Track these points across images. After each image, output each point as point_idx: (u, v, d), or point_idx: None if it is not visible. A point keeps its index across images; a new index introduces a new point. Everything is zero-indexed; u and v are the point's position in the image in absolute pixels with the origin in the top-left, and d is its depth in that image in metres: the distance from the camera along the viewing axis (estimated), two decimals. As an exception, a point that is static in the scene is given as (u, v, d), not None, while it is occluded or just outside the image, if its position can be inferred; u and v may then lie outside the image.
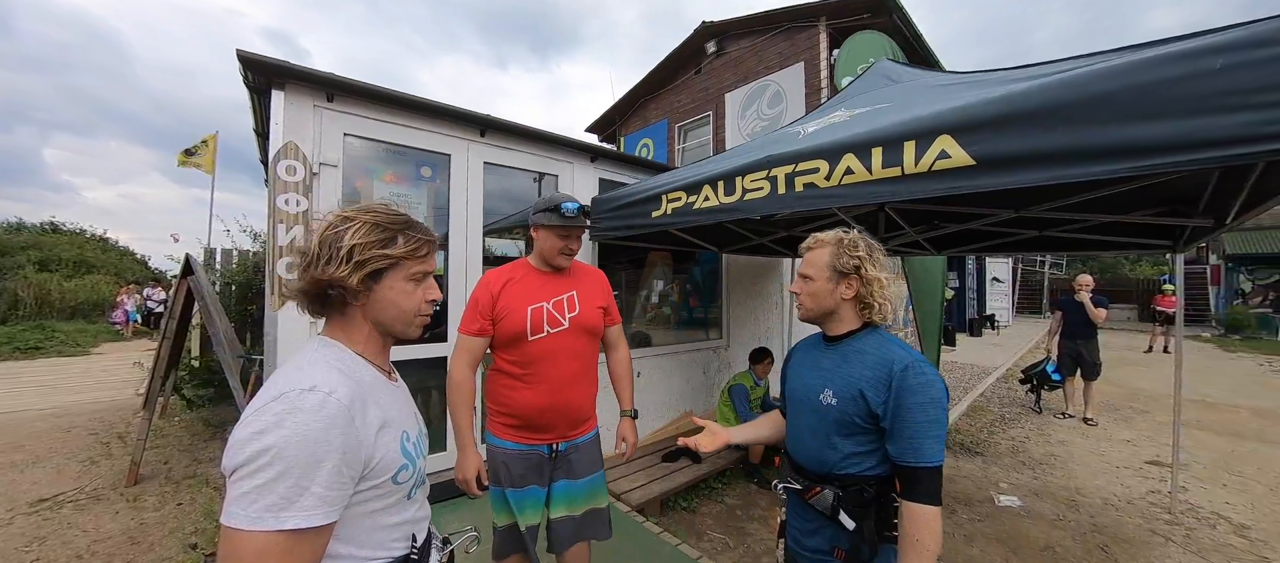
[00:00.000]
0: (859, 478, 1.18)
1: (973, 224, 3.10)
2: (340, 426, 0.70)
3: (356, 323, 0.84)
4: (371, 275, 0.81)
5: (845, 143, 1.83)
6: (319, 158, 2.46)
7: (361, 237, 0.80)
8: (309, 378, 0.72)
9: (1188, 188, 2.34)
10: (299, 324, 2.41)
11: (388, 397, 0.84)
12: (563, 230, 1.59)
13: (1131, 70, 1.21)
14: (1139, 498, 3.38)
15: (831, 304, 1.26)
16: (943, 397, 1.12)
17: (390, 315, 0.85)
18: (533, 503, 1.59)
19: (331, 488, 0.68)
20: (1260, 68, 1.07)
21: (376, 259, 0.81)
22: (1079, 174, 1.30)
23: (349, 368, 0.79)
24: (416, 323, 0.89)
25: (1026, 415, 5.49)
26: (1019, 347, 10.96)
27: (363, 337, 0.85)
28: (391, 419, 0.81)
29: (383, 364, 0.89)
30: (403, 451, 0.82)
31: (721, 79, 7.69)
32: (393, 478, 0.79)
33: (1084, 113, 1.28)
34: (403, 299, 0.85)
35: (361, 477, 0.74)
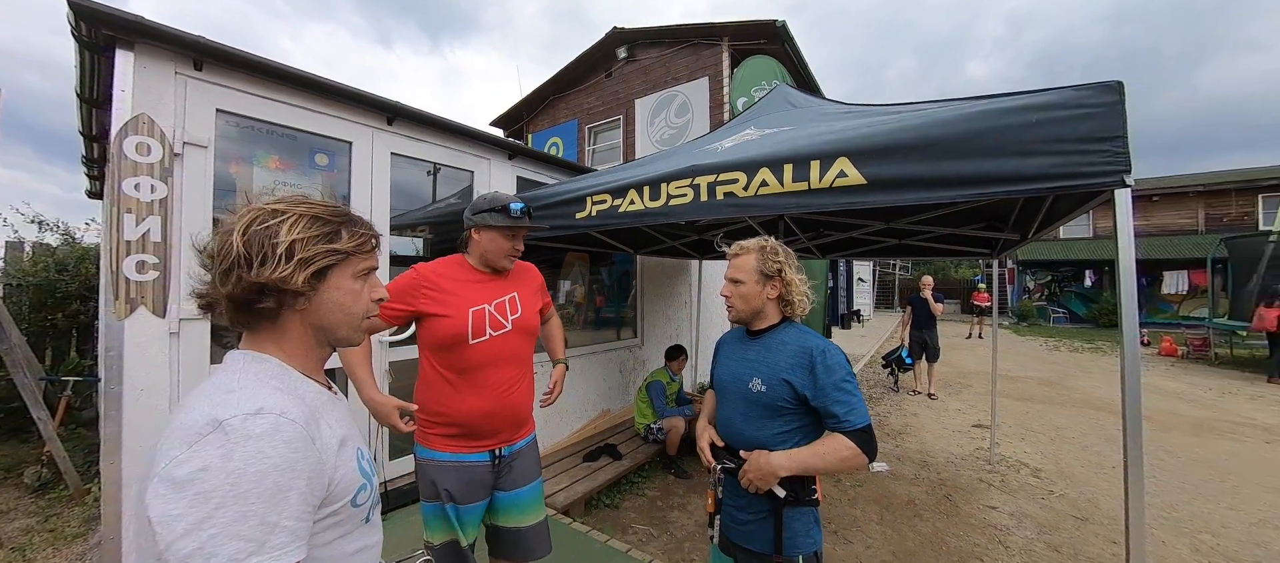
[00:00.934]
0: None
1: (853, 233, 3.60)
2: (301, 449, 0.63)
3: (292, 332, 0.74)
4: (319, 273, 0.73)
5: (761, 158, 2.03)
6: (182, 136, 2.08)
7: (301, 231, 0.71)
8: (250, 400, 0.62)
9: (1002, 209, 2.99)
10: (153, 335, 2.01)
11: (336, 412, 0.77)
12: (510, 231, 1.54)
13: (983, 117, 1.54)
14: (969, 455, 4.20)
15: (760, 304, 1.44)
16: (852, 371, 1.37)
17: (335, 320, 0.76)
18: (473, 518, 1.53)
19: (301, 519, 0.62)
20: (1057, 125, 1.43)
21: (322, 256, 0.72)
22: (945, 197, 1.62)
23: (290, 384, 0.70)
24: (364, 326, 0.81)
25: (887, 394, 6.48)
26: (879, 337, 12.84)
27: (301, 348, 0.75)
28: (346, 434, 0.75)
29: (322, 378, 0.80)
30: (360, 469, 0.75)
31: (632, 85, 7.89)
32: (352, 501, 0.73)
33: (949, 147, 1.59)
34: (350, 301, 0.77)
35: (321, 503, 0.67)
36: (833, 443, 1.29)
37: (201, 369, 2.13)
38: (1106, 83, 1.41)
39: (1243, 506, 3.26)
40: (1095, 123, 1.40)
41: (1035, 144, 1.46)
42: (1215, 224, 15.53)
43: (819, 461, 1.29)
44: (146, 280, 1.99)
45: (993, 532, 2.90)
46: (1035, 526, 2.97)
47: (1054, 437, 4.75)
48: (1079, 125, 1.42)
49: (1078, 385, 7.12)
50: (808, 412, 1.36)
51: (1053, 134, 1.44)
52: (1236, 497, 3.39)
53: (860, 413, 1.29)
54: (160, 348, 2.03)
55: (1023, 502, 3.30)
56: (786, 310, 1.47)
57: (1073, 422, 5.27)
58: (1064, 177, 1.43)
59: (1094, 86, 1.42)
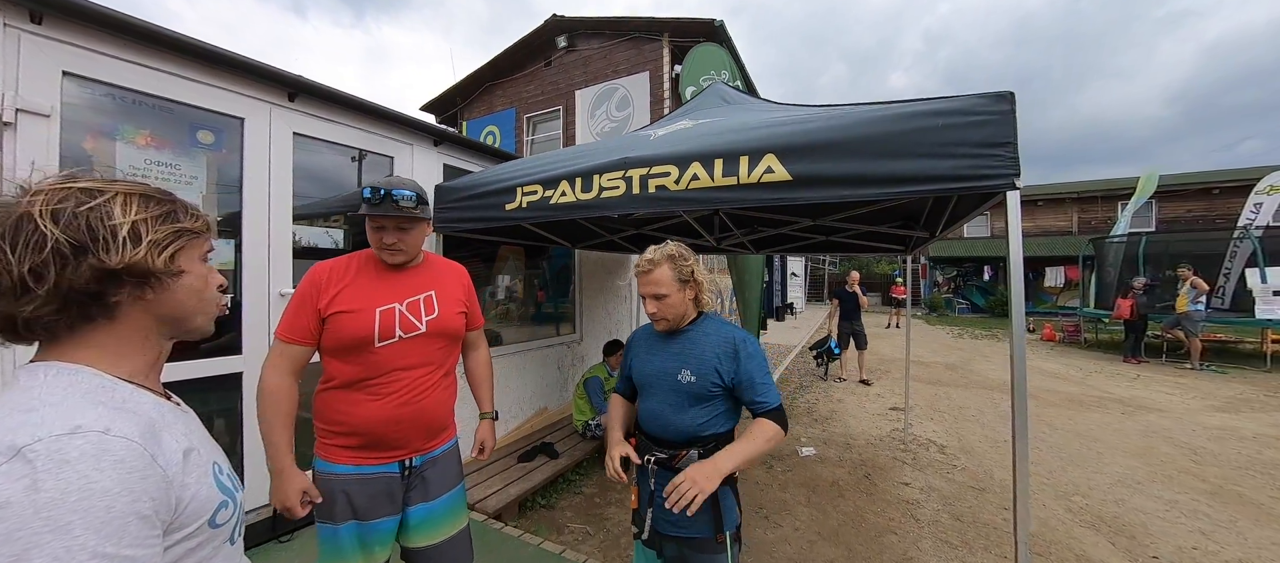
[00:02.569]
0: (713, 436, 1.44)
1: (784, 229, 3.74)
2: (138, 468, 0.53)
3: (128, 330, 0.62)
4: (171, 258, 0.63)
5: (692, 152, 2.03)
6: (14, 102, 1.72)
7: (138, 211, 0.60)
8: (59, 419, 0.51)
9: (914, 209, 3.22)
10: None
11: (180, 424, 0.65)
12: (374, 220, 1.37)
13: (897, 119, 1.62)
14: (887, 436, 4.53)
15: (684, 309, 1.51)
16: (766, 356, 1.50)
17: (192, 306, 0.67)
18: (382, 537, 1.39)
19: (146, 547, 0.52)
20: (960, 130, 1.54)
21: (171, 237, 0.62)
22: (865, 195, 1.69)
23: (116, 398, 0.58)
24: (213, 313, 0.72)
25: (816, 382, 6.86)
26: (811, 328, 13.60)
27: (130, 353, 0.63)
28: (195, 447, 0.64)
29: (158, 386, 0.69)
30: (218, 485, 0.65)
31: (572, 75, 7.72)
32: (210, 520, 0.63)
33: (868, 147, 1.66)
34: (200, 283, 0.69)
35: (171, 527, 0.57)
36: (760, 428, 1.36)
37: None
38: (1000, 92, 1.53)
39: (1105, 469, 3.77)
40: (991, 129, 1.51)
41: (942, 147, 1.55)
42: (1086, 227, 17.93)
43: (755, 448, 1.35)
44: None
45: (905, 506, 3.13)
46: (940, 498, 3.25)
47: (958, 416, 5.24)
48: (978, 131, 1.52)
49: (977, 369, 7.93)
50: (729, 396, 1.45)
51: (956, 138, 1.54)
52: (1099, 462, 3.91)
53: (774, 393, 1.41)
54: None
55: (931, 477, 3.60)
56: (700, 306, 1.55)
57: (973, 401, 5.85)
58: (965, 178, 1.54)
59: (990, 96, 1.54)
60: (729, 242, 4.09)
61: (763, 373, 1.42)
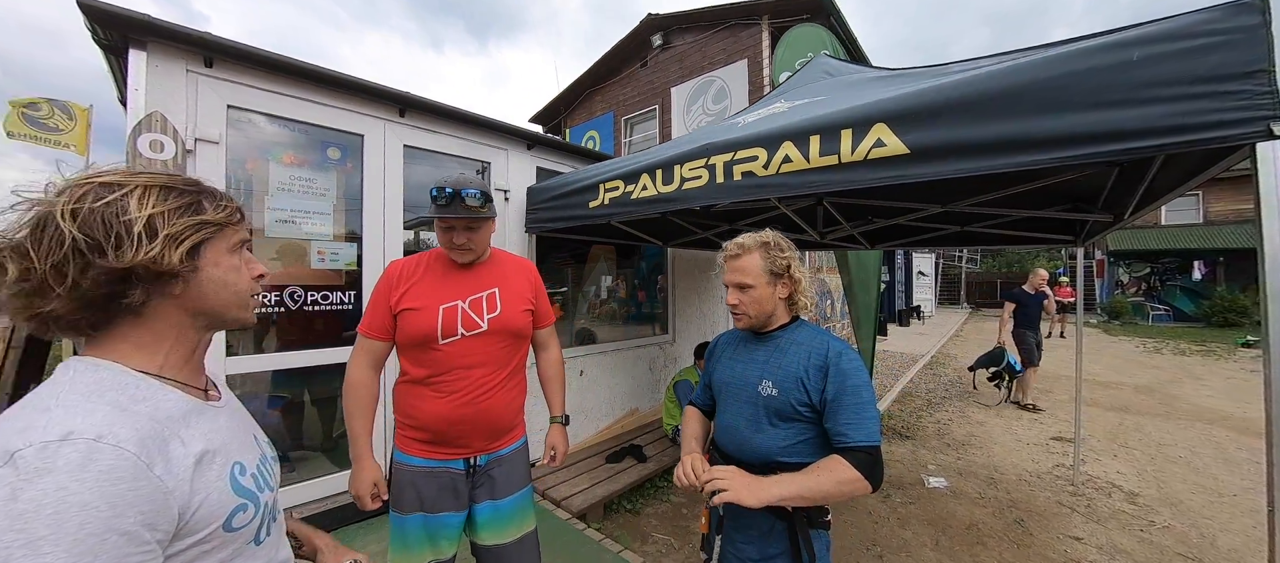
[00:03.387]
0: (801, 465, 1.18)
1: (902, 219, 3.19)
2: (128, 480, 0.50)
3: (155, 328, 0.62)
4: (191, 252, 0.62)
5: (782, 131, 1.77)
6: (194, 132, 2.10)
7: (156, 204, 0.59)
8: (59, 423, 0.50)
9: (1088, 187, 2.51)
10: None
11: (206, 423, 0.64)
12: (442, 221, 1.35)
13: (1063, 61, 1.21)
14: (1047, 472, 3.66)
15: (772, 307, 1.29)
16: (870, 382, 1.20)
17: (224, 299, 0.66)
18: (449, 532, 1.39)
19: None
20: (1170, 62, 1.09)
21: (191, 229, 0.61)
22: (1012, 164, 1.30)
23: (132, 398, 0.58)
24: (252, 306, 0.71)
25: (949, 400, 5.87)
26: (941, 335, 11.84)
27: (163, 348, 0.63)
28: (214, 450, 0.62)
29: (194, 380, 0.68)
30: (236, 488, 0.63)
31: (667, 73, 7.64)
32: (225, 525, 0.61)
33: (1015, 102, 1.27)
34: (233, 276, 0.67)
35: (177, 535, 0.56)
36: (832, 466, 1.10)
37: (219, 360, 2.17)
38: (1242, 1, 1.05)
39: None
40: (1226, 54, 1.05)
41: (1139, 89, 1.12)
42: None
43: (814, 486, 1.09)
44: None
45: (1075, 568, 2.46)
46: (1131, 563, 2.50)
47: (1154, 455, 4.07)
48: (1201, 60, 1.07)
49: (1185, 395, 6.15)
50: (820, 421, 1.19)
51: (1162, 74, 1.09)
52: None
53: (869, 430, 1.12)
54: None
55: (1115, 533, 2.80)
56: (795, 309, 1.32)
57: (1179, 437, 4.51)
58: (1179, 129, 1.09)
59: (1225, 7, 1.06)
60: (835, 235, 3.64)
61: (859, 399, 1.14)
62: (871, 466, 1.11)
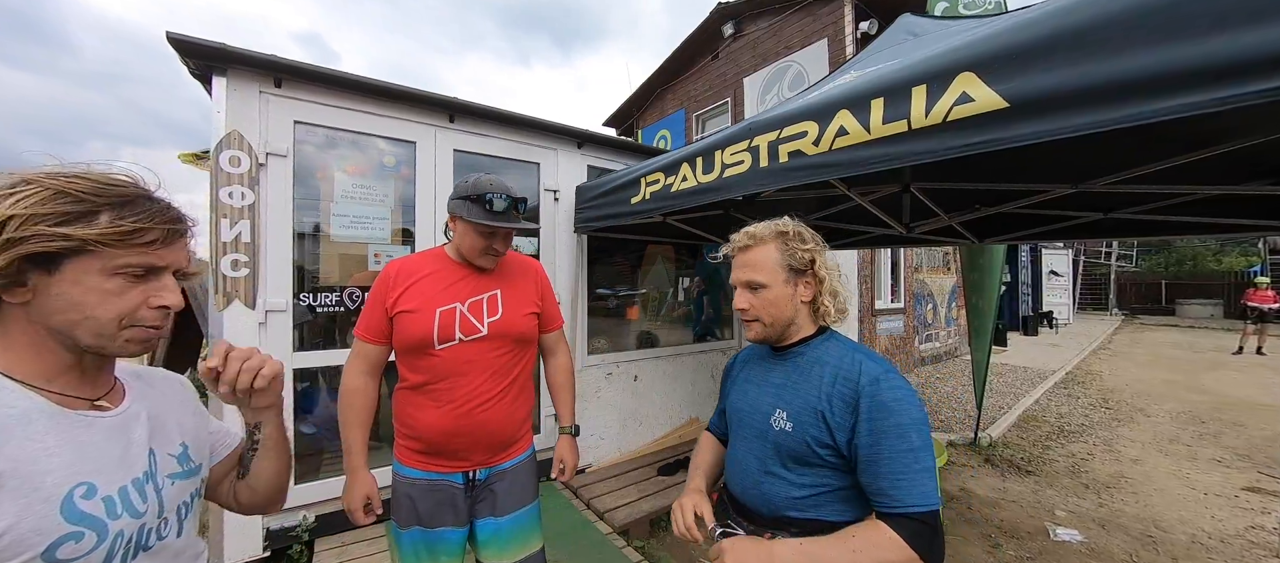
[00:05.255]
0: (821, 524, 0.92)
1: (1017, 205, 2.59)
2: None
3: (14, 331, 0.59)
4: (36, 261, 0.56)
5: (837, 98, 1.45)
6: (266, 148, 2.28)
7: (29, 206, 0.55)
8: None
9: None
10: (246, 324, 2.25)
11: (54, 439, 0.58)
12: (486, 229, 1.27)
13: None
14: (1234, 536, 2.77)
15: (790, 313, 1.03)
16: (925, 419, 0.88)
17: (71, 321, 0.59)
18: (448, 548, 1.30)
19: None
20: None
21: (42, 239, 0.55)
22: (1157, 111, 0.89)
23: None
24: (122, 337, 0.62)
25: (1088, 427, 4.80)
26: (1082, 347, 9.89)
27: (19, 350, 0.59)
28: (37, 472, 0.55)
29: (70, 388, 0.62)
30: (68, 514, 0.55)
31: (740, 63, 7.25)
32: (45, 555, 0.53)
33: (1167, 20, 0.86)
34: (95, 300, 0.59)
35: None
36: (868, 535, 0.83)
37: (286, 352, 2.34)
38: None
39: None
40: None
41: None
42: None
43: (848, 557, 0.83)
44: (239, 276, 2.23)
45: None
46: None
47: None
48: None
49: None
50: (848, 469, 0.91)
51: None
52: None
53: (923, 490, 0.82)
54: (251, 335, 2.26)
55: (1358, 635, 1.99)
56: (822, 317, 1.04)
57: None
58: None
59: None
60: (928, 228, 3.08)
61: (906, 443, 0.84)
62: (927, 539, 0.81)
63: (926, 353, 7.71)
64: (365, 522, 1.27)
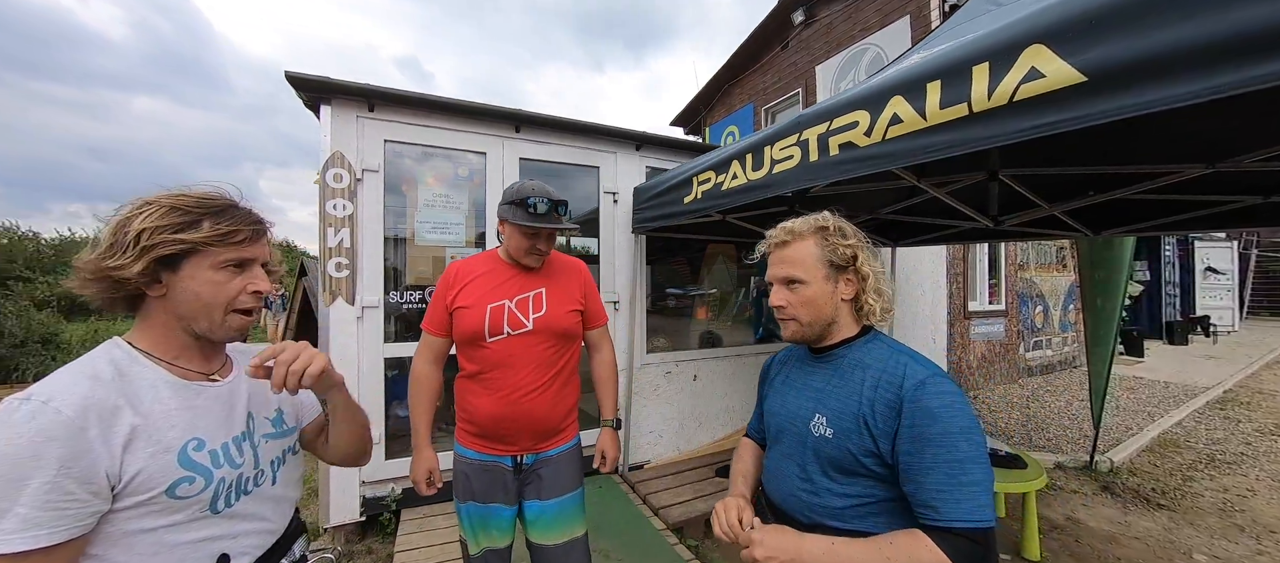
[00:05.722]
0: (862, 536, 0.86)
1: (1139, 189, 2.21)
2: (59, 438, 0.60)
3: (152, 318, 0.75)
4: (164, 263, 0.72)
5: (890, 84, 1.36)
6: (362, 165, 2.61)
7: (154, 220, 0.71)
8: (46, 385, 0.64)
9: None
10: (346, 318, 2.58)
11: (175, 402, 0.73)
12: (530, 230, 1.38)
13: None
14: None
15: (830, 312, 0.98)
16: (976, 427, 0.81)
17: (192, 308, 0.74)
18: (499, 523, 1.43)
19: (45, 509, 0.59)
20: None
21: (167, 244, 0.71)
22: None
23: (117, 370, 0.70)
24: (229, 321, 0.77)
25: (1253, 458, 3.94)
26: (1249, 360, 8.12)
27: (158, 334, 0.76)
28: (162, 431, 0.70)
29: (193, 364, 0.78)
30: (184, 461, 0.70)
31: (812, 51, 6.90)
32: (168, 493, 0.68)
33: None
34: (208, 290, 0.74)
35: (119, 492, 0.65)
36: (907, 547, 0.78)
37: (377, 343, 2.65)
38: None
39: None
40: None
41: None
42: None
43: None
44: (342, 277, 2.57)
45: None
46: None
47: None
48: None
49: None
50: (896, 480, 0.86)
51: None
52: None
53: (971, 504, 0.76)
54: (351, 328, 2.59)
55: None
56: (865, 317, 0.99)
57: None
58: None
59: None
60: (1023, 220, 2.74)
61: (953, 453, 0.78)
62: (974, 559, 0.74)
63: (1035, 362, 6.80)
64: (427, 493, 1.41)
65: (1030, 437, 4.31)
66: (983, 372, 5.93)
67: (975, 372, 5.84)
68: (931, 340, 5.23)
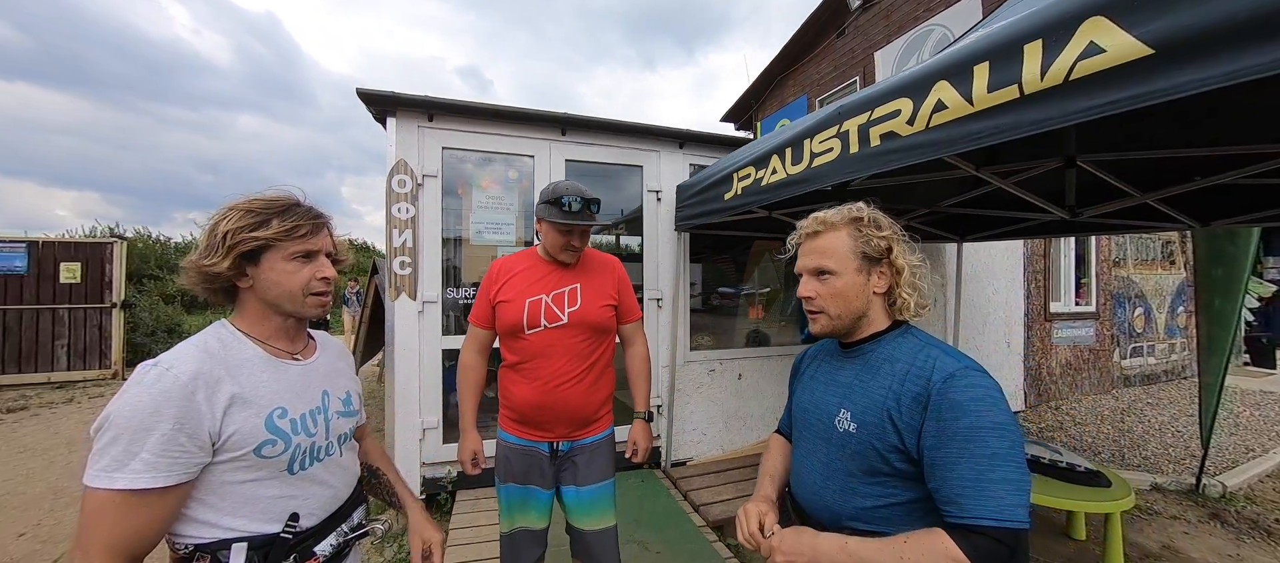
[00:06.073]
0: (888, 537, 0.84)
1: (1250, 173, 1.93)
2: (176, 398, 0.73)
3: (247, 305, 0.89)
4: (246, 258, 0.84)
5: (936, 68, 1.29)
6: (422, 171, 2.82)
7: (234, 223, 0.83)
8: (168, 355, 0.78)
9: None
10: (409, 311, 2.80)
11: (266, 375, 0.85)
12: (564, 227, 1.45)
13: None
14: None
15: (862, 305, 0.96)
16: (1011, 424, 0.76)
17: (275, 294, 0.87)
18: (537, 505, 1.51)
19: (162, 455, 0.71)
20: None
21: (246, 241, 0.83)
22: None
23: (221, 346, 0.83)
24: (308, 302, 0.90)
25: None
26: None
27: (252, 318, 0.89)
28: (255, 398, 0.82)
29: (281, 344, 0.91)
30: (269, 426, 0.82)
31: (870, 36, 6.56)
32: (256, 452, 0.80)
33: None
34: (284, 278, 0.87)
35: (217, 448, 0.77)
36: (924, 545, 0.75)
37: (436, 335, 2.86)
38: None
39: None
40: None
41: None
42: None
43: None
44: (405, 274, 2.79)
45: None
46: None
47: None
48: None
49: None
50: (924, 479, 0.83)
51: None
52: None
53: (998, 503, 0.72)
54: (413, 321, 2.81)
55: None
56: (898, 311, 0.95)
57: None
58: None
59: None
60: (1108, 210, 2.46)
61: (981, 447, 0.74)
62: (997, 560, 0.70)
63: (1133, 370, 6.05)
64: (472, 472, 1.52)
65: (1123, 454, 3.85)
66: (1067, 380, 5.37)
67: (1058, 379, 5.29)
68: (1005, 344, 4.82)
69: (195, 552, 0.77)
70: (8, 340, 6.35)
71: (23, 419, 4.84)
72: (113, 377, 6.73)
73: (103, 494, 0.69)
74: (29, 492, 3.20)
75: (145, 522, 0.71)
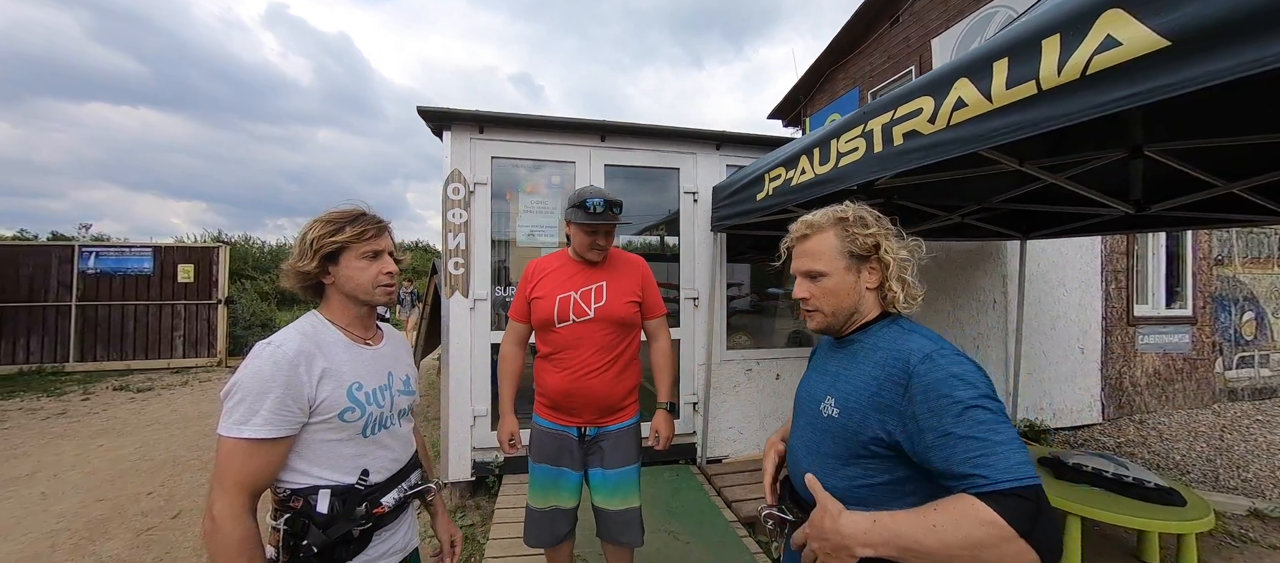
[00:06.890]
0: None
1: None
2: (285, 369, 0.91)
3: (331, 298, 1.07)
4: (328, 258, 1.02)
5: (956, 66, 1.29)
6: (474, 179, 3.05)
7: (317, 232, 1.02)
8: (277, 336, 0.97)
9: None
10: (463, 309, 3.04)
11: (346, 355, 1.03)
12: (589, 227, 1.58)
13: None
14: None
15: (854, 302, 1.00)
16: (989, 390, 0.79)
17: (352, 286, 1.05)
18: (567, 485, 1.64)
19: (276, 414, 0.89)
20: None
21: (327, 245, 1.01)
22: None
23: (314, 331, 1.01)
24: (378, 293, 1.07)
25: None
26: None
27: (336, 309, 1.07)
28: (340, 373, 0.99)
29: (358, 331, 1.09)
30: (350, 397, 0.99)
31: (926, 22, 6.23)
32: (339, 416, 0.97)
33: None
34: (357, 274, 1.04)
35: (313, 411, 0.95)
36: (956, 508, 0.73)
37: (486, 330, 3.08)
38: None
39: None
40: None
41: None
42: None
43: (927, 534, 0.74)
44: (459, 274, 3.03)
45: None
46: None
47: None
48: None
49: None
50: (907, 462, 0.86)
51: None
52: None
53: (1009, 462, 0.72)
54: (465, 317, 3.05)
55: None
56: (888, 303, 0.99)
57: None
58: None
59: None
60: (1184, 203, 2.26)
61: (972, 418, 0.75)
62: (1028, 515, 0.69)
63: (1240, 383, 5.35)
64: (509, 452, 1.68)
65: (1217, 475, 3.46)
66: (1155, 391, 4.85)
67: (1144, 391, 4.79)
68: (1078, 350, 4.44)
69: (292, 495, 0.95)
70: (138, 332, 7.45)
71: (149, 399, 5.67)
72: (217, 364, 7.69)
73: (232, 442, 0.87)
74: (155, 458, 3.77)
75: (263, 464, 0.89)
